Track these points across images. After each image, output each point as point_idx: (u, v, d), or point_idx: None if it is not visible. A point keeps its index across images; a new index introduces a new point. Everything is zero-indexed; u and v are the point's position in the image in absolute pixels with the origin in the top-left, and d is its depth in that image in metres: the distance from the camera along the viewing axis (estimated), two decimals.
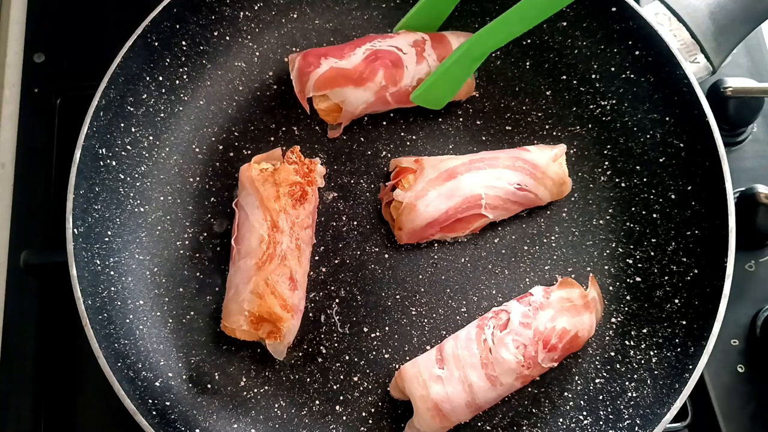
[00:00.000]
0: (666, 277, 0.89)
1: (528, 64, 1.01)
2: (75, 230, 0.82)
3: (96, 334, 0.78)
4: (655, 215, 0.92)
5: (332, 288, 0.91)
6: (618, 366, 0.87)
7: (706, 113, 0.87)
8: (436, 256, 0.92)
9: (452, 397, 0.80)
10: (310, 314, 0.89)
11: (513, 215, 0.93)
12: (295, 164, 0.87)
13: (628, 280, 0.91)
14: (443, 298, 0.90)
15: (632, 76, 0.95)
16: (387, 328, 0.89)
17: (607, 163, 0.96)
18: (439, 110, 0.98)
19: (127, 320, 0.86)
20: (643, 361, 0.85)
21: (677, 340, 0.84)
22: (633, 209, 0.93)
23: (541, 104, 0.99)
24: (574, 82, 0.99)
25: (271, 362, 0.87)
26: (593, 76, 0.98)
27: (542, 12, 0.85)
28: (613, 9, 0.94)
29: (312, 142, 0.97)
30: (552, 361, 0.83)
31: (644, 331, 0.87)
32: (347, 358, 0.88)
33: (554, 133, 0.97)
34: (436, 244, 0.93)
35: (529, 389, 0.86)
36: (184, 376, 0.86)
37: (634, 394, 0.84)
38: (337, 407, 0.86)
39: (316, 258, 0.91)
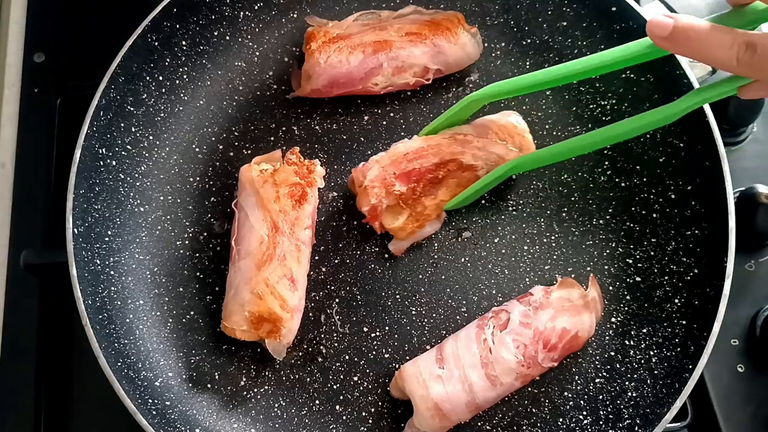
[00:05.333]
0: (666, 277, 0.89)
1: (528, 64, 1.01)
2: (75, 230, 0.82)
3: (96, 334, 0.78)
4: (655, 215, 0.92)
5: (332, 288, 0.91)
6: (618, 366, 0.87)
7: (706, 113, 0.87)
8: (436, 256, 0.92)
9: (452, 397, 0.80)
10: (310, 314, 0.89)
11: (512, 216, 0.93)
12: (295, 165, 0.87)
13: (628, 280, 0.91)
14: (443, 298, 0.90)
15: (632, 76, 0.95)
16: (387, 328, 0.89)
17: (607, 163, 0.96)
18: (441, 111, 0.98)
19: (127, 320, 0.86)
20: (643, 361, 0.85)
21: (677, 340, 0.84)
22: (633, 209, 0.93)
23: (541, 104, 0.99)
24: (574, 82, 0.99)
25: (271, 362, 0.87)
26: (593, 76, 0.98)
27: (603, 142, 0.84)
28: (613, 9, 0.94)
29: (312, 142, 0.97)
30: (552, 361, 0.83)
31: (644, 331, 0.87)
32: (347, 358, 0.88)
33: (554, 133, 0.97)
34: (436, 244, 0.93)
35: (529, 389, 0.86)
36: (184, 376, 0.86)
37: (634, 394, 0.84)
38: (337, 407, 0.86)
39: (316, 258, 0.91)
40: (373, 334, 0.89)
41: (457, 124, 0.91)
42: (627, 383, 0.85)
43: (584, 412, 0.85)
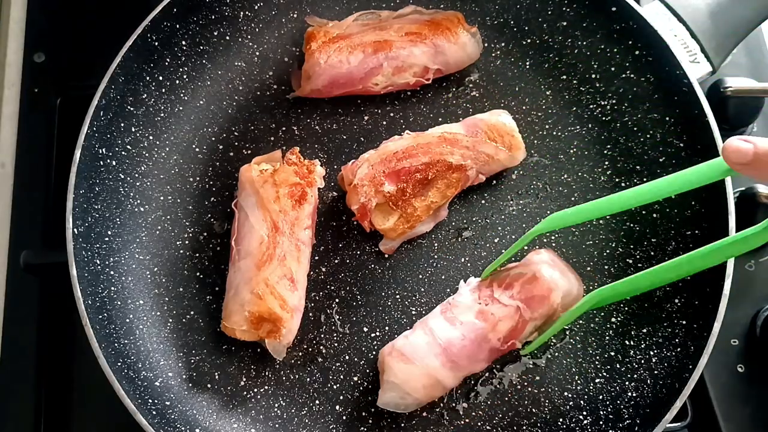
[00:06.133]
0: None
1: (528, 64, 1.01)
2: (75, 230, 0.82)
3: (96, 334, 0.78)
4: (655, 215, 0.92)
5: (332, 288, 0.91)
6: (618, 366, 0.87)
7: (706, 113, 0.87)
8: (436, 256, 0.92)
9: (413, 341, 0.82)
10: (310, 314, 0.89)
11: (512, 216, 0.93)
12: (295, 165, 0.87)
13: None
14: (443, 298, 0.90)
15: (632, 76, 0.95)
16: (387, 328, 0.89)
17: (607, 163, 0.96)
18: (441, 111, 0.99)
19: (127, 320, 0.86)
20: (643, 361, 0.85)
21: (677, 340, 0.84)
22: (633, 209, 0.93)
23: (541, 104, 0.99)
24: (574, 82, 0.99)
25: (271, 362, 0.87)
26: (593, 76, 0.98)
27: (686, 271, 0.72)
28: (613, 9, 0.94)
29: (312, 142, 0.97)
30: (512, 299, 0.83)
31: (644, 331, 0.87)
32: (347, 358, 0.88)
33: (554, 133, 0.98)
34: (436, 244, 0.93)
35: (529, 389, 0.87)
36: (184, 376, 0.86)
37: (634, 394, 0.84)
38: (337, 407, 0.86)
39: (316, 258, 0.91)
40: (373, 334, 0.89)
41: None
42: (627, 383, 0.85)
43: (584, 412, 0.85)
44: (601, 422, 0.84)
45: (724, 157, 0.65)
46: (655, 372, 0.84)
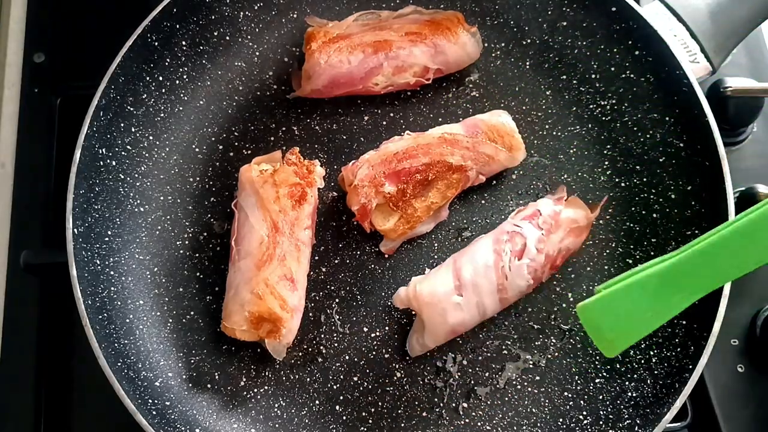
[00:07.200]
0: None
1: (528, 64, 1.01)
2: (75, 230, 0.82)
3: (96, 334, 0.78)
4: (655, 215, 0.92)
5: (332, 288, 0.91)
6: (618, 366, 0.87)
7: (706, 113, 0.87)
8: (436, 256, 0.92)
9: (467, 322, 0.85)
10: (310, 314, 0.89)
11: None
12: (295, 165, 0.87)
13: None
14: None
15: (632, 76, 0.95)
16: (387, 328, 0.89)
17: (607, 163, 0.96)
18: (441, 111, 0.99)
19: (127, 320, 0.86)
20: (643, 361, 0.85)
21: (677, 340, 0.84)
22: (633, 209, 0.93)
23: (541, 104, 0.99)
24: (574, 82, 0.99)
25: (271, 362, 0.87)
26: (593, 76, 0.98)
27: None
28: (613, 9, 0.94)
29: (312, 142, 0.97)
30: (549, 274, 0.89)
31: None
32: (347, 358, 0.88)
33: (554, 133, 0.98)
34: (436, 244, 0.93)
35: (529, 389, 0.87)
36: (184, 376, 0.86)
37: (634, 394, 0.84)
38: (337, 407, 0.86)
39: (316, 258, 0.91)
40: (373, 334, 0.89)
41: None
42: (627, 383, 0.85)
43: (584, 412, 0.85)
44: (601, 422, 0.84)
45: None
46: (655, 372, 0.84)
